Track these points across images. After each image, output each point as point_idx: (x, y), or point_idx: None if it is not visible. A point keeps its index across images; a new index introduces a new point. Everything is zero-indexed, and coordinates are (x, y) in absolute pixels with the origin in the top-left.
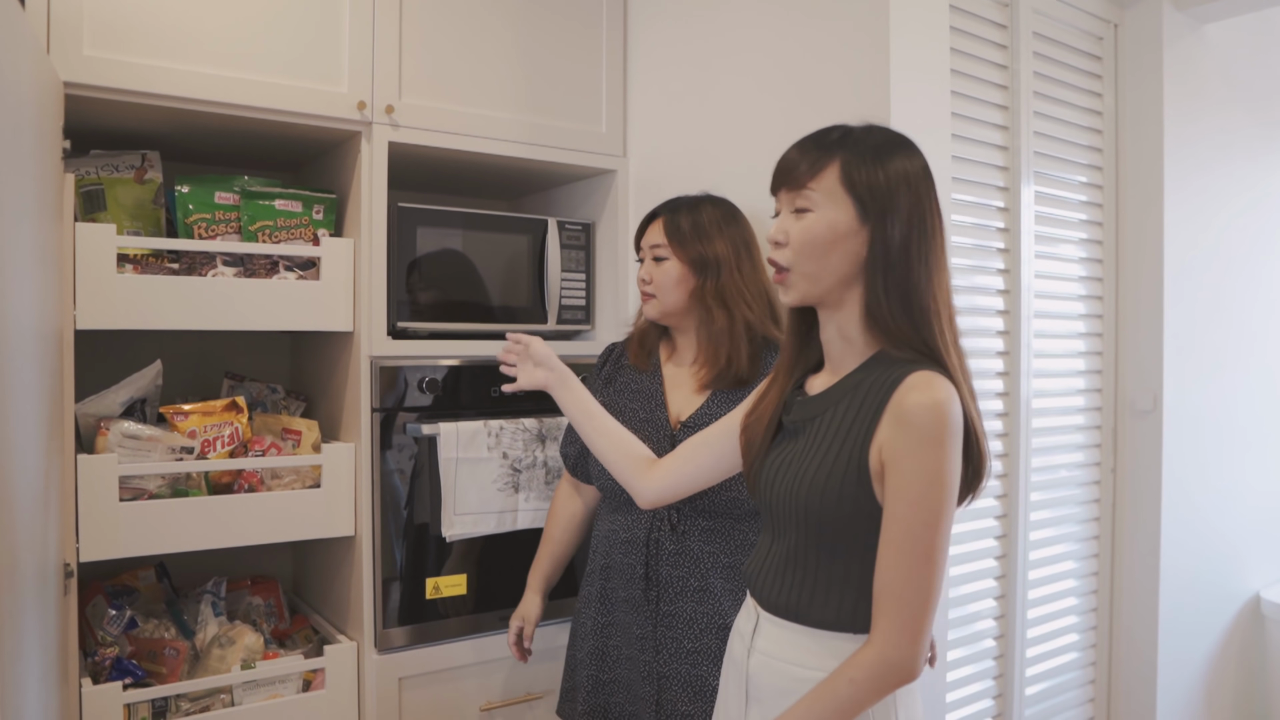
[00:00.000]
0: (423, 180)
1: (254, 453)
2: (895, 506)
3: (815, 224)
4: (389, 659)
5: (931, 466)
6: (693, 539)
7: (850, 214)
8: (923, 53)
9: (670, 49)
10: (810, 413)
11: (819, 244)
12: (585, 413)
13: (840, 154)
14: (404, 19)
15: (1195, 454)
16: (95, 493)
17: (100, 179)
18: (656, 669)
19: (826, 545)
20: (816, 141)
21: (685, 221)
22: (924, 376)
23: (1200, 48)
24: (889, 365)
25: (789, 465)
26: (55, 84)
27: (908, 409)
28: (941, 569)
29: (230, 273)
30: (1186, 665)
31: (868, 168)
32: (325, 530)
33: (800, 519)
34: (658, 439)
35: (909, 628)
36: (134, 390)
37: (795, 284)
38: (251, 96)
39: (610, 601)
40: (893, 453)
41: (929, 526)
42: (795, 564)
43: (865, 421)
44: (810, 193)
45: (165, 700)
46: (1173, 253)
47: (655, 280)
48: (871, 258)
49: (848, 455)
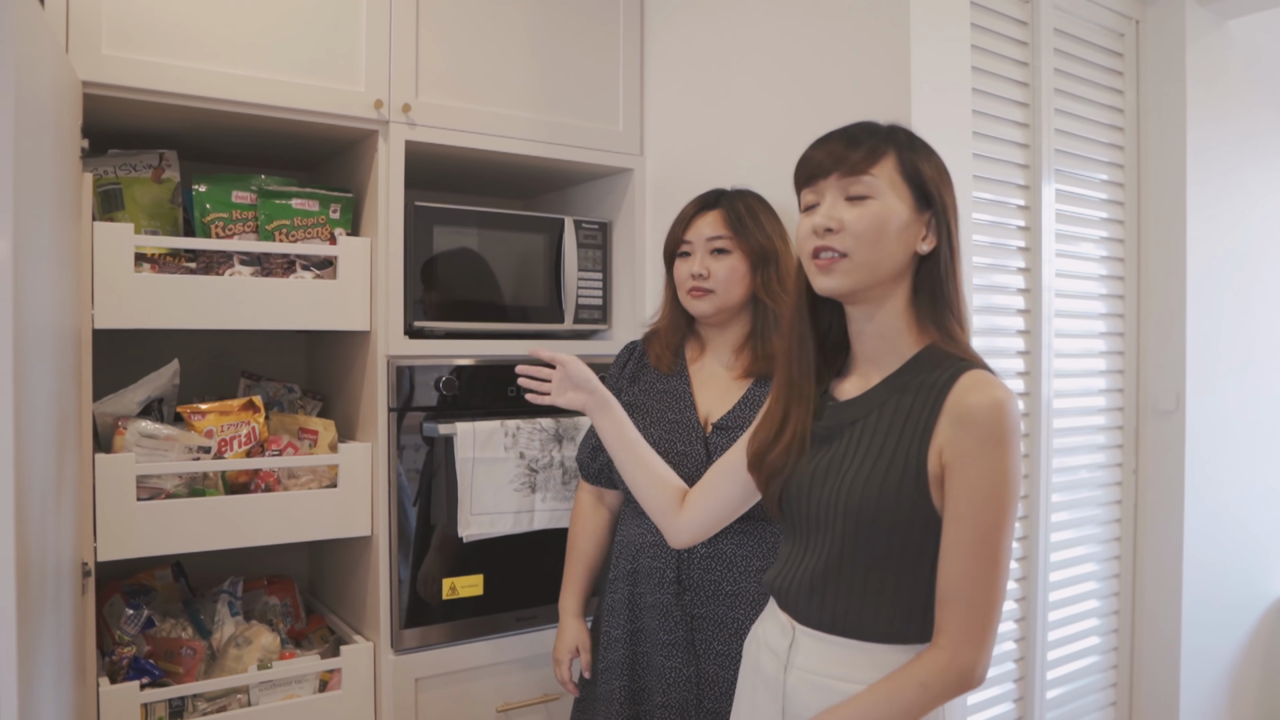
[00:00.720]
0: (439, 179)
1: (271, 452)
2: (962, 510)
3: (880, 211)
4: (405, 659)
5: (998, 468)
6: (725, 542)
7: (909, 204)
8: (944, 51)
9: (687, 48)
10: (849, 417)
11: (883, 231)
12: (624, 441)
13: (894, 144)
14: (421, 18)
15: (1219, 454)
16: (112, 492)
17: (118, 178)
18: (691, 673)
19: (875, 553)
20: (863, 131)
21: (743, 210)
22: (980, 376)
23: (1224, 44)
24: (937, 363)
25: (829, 471)
26: (74, 83)
27: (970, 410)
28: (1007, 573)
29: (247, 272)
30: (1210, 667)
31: (921, 159)
32: (342, 530)
33: (844, 526)
34: (689, 441)
35: (978, 633)
36: (151, 390)
37: (850, 271)
38: (268, 95)
39: (638, 607)
40: (956, 455)
41: (997, 529)
42: (837, 575)
43: (920, 423)
44: (871, 179)
45: (182, 700)
46: (1196, 252)
47: (715, 274)
48: (939, 249)
49: (903, 458)
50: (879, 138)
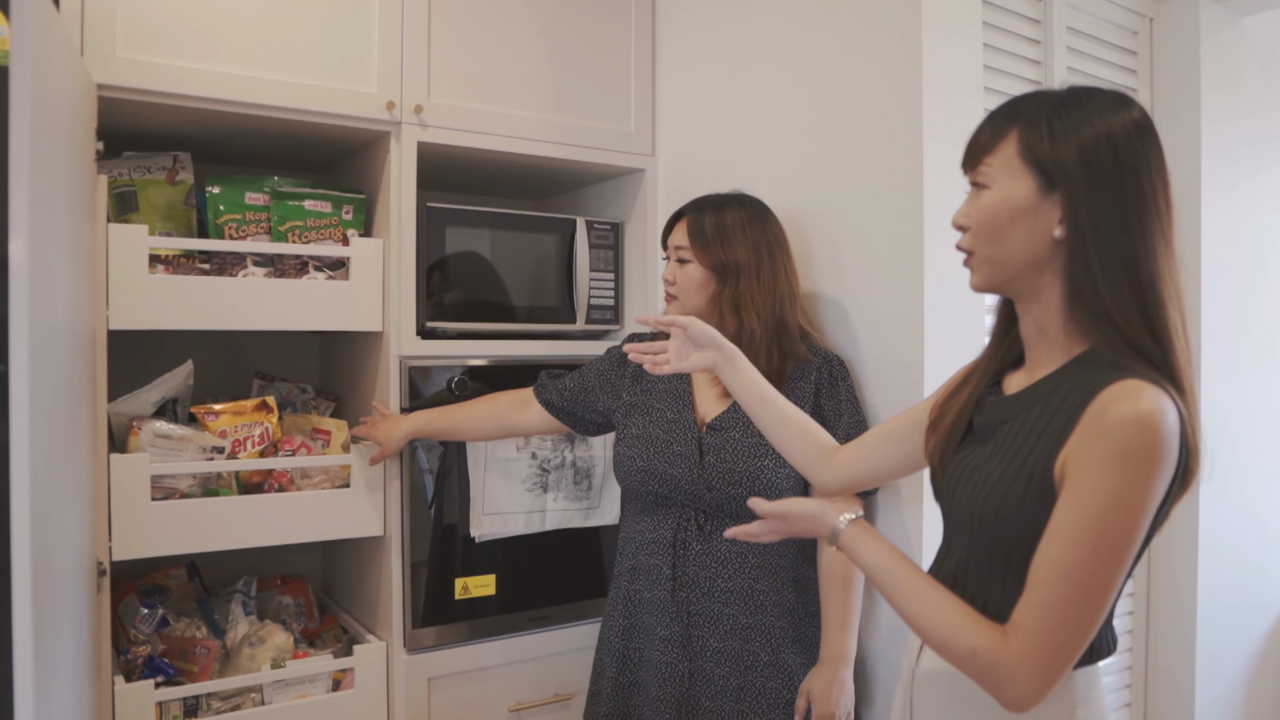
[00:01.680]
0: (452, 180)
1: (284, 453)
2: (1063, 523)
3: (988, 201)
4: (418, 659)
5: (1119, 488)
6: (720, 539)
7: (1030, 187)
8: (956, 51)
9: (699, 47)
10: (1003, 415)
11: (996, 223)
12: (759, 397)
13: (1020, 121)
14: (433, 19)
15: (1236, 454)
16: (127, 492)
17: (133, 180)
18: (686, 669)
19: (999, 561)
20: (1001, 110)
21: (709, 224)
22: (1131, 385)
23: (1239, 41)
24: (1095, 369)
25: (973, 472)
26: (89, 86)
27: (1108, 421)
28: (1102, 611)
29: (260, 273)
30: (1227, 665)
31: (1050, 133)
32: (355, 530)
33: (974, 531)
34: (684, 440)
35: (1045, 669)
36: (166, 390)
37: (978, 268)
38: (281, 97)
39: (635, 604)
40: (1076, 463)
41: (1098, 558)
42: (965, 577)
43: (1056, 430)
44: (986, 168)
45: (196, 699)
46: (1210, 252)
47: (678, 282)
48: (1075, 234)
49: (1032, 466)
50: (1006, 117)
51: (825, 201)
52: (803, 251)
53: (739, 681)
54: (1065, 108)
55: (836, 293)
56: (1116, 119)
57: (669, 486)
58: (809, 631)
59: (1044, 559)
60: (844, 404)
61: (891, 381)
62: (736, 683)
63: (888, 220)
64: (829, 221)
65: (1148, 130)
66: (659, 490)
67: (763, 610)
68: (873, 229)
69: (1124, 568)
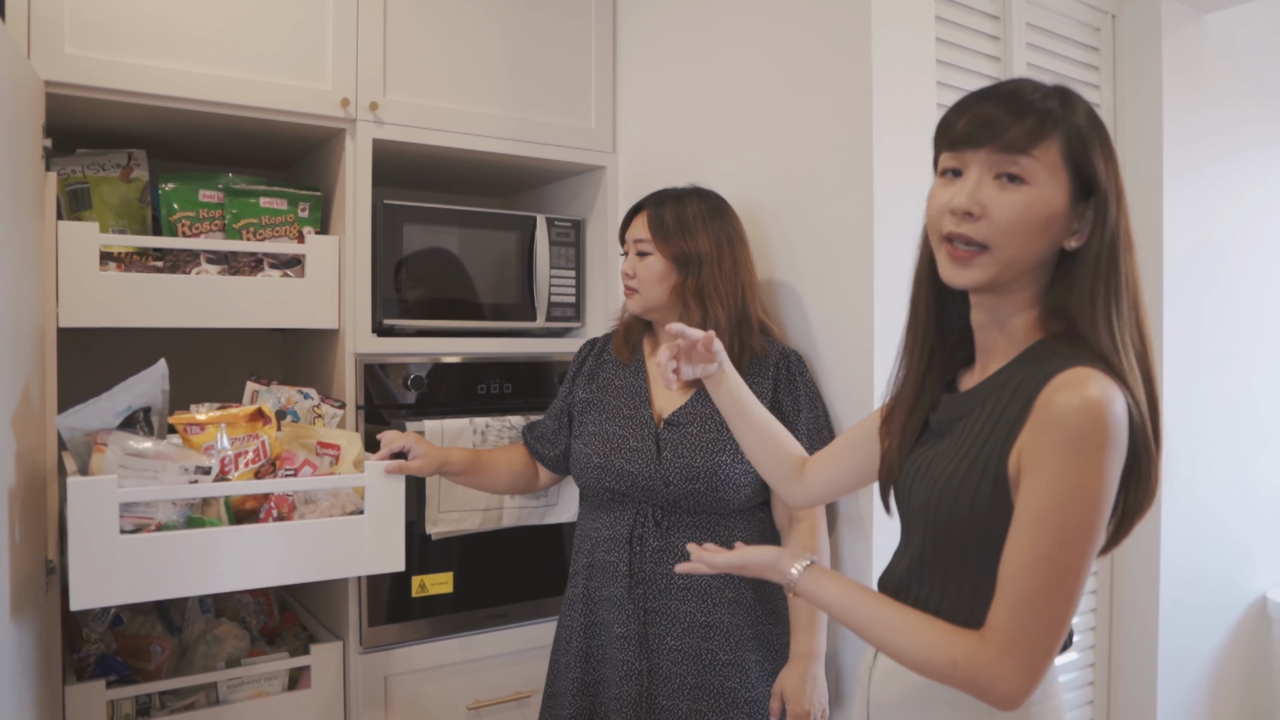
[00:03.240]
0: (414, 178)
1: (284, 471)
2: (1023, 517)
3: (1035, 201)
4: (374, 657)
5: (1073, 477)
6: (677, 535)
7: (1066, 194)
8: (906, 43)
9: (660, 43)
10: (958, 412)
11: (1034, 225)
12: (740, 407)
13: (1064, 120)
14: (388, 15)
15: (1197, 452)
16: (88, 525)
17: (86, 177)
18: (643, 667)
19: (955, 556)
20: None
21: (670, 215)
22: (1079, 373)
23: (1201, 37)
24: (1045, 359)
25: (927, 469)
26: (34, 84)
27: (1055, 410)
28: (1073, 602)
29: (214, 270)
30: (1189, 667)
31: (1092, 142)
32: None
33: (929, 528)
34: (641, 437)
35: (1025, 664)
36: (133, 397)
37: (987, 266)
38: (234, 94)
39: (594, 601)
40: (1030, 457)
41: (1062, 547)
42: (919, 575)
43: (1009, 423)
44: (1032, 162)
45: (149, 698)
46: (1173, 247)
47: (638, 275)
48: (1094, 248)
49: (985, 459)
50: (1047, 109)
51: (781, 195)
52: (761, 245)
53: (696, 680)
54: (1090, 115)
55: (793, 285)
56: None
57: (626, 483)
58: (768, 630)
59: (1009, 555)
60: (803, 399)
61: (845, 373)
62: (694, 681)
63: (839, 213)
64: (785, 215)
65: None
66: (616, 487)
67: (720, 608)
68: (825, 221)
69: (1089, 556)
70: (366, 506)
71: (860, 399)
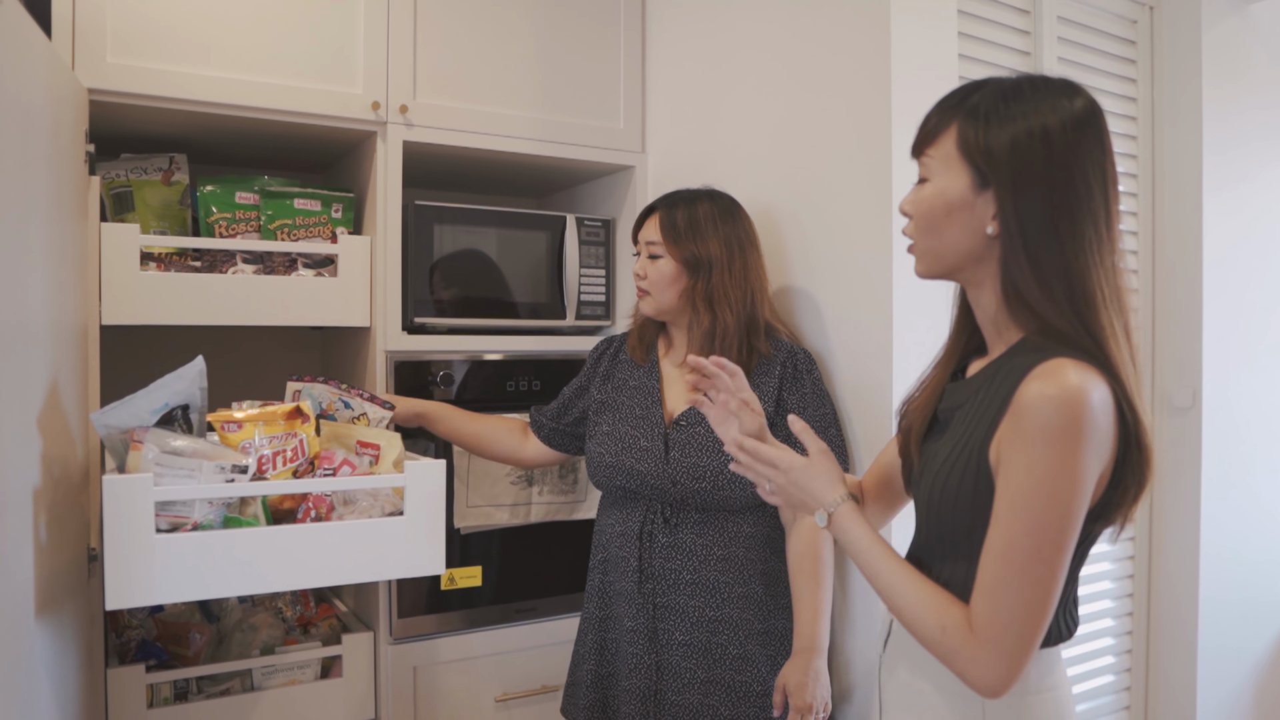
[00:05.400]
0: (447, 178)
1: (322, 470)
2: (999, 506)
3: (927, 194)
4: (404, 648)
5: (1043, 466)
6: (685, 531)
7: (965, 182)
8: (926, 40)
9: (688, 44)
10: (958, 400)
11: (934, 215)
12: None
13: (960, 113)
14: (419, 19)
15: (1239, 453)
16: (124, 524)
17: (129, 181)
18: (653, 661)
19: (947, 544)
20: (949, 98)
21: (681, 218)
22: (1054, 364)
23: (1245, 28)
24: (1029, 351)
25: (932, 457)
26: (77, 92)
27: (1028, 401)
28: (1049, 591)
29: (250, 270)
30: (1232, 670)
31: (987, 127)
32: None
33: (927, 515)
34: (650, 436)
35: (1001, 652)
36: (170, 394)
37: (920, 258)
38: (269, 99)
39: (608, 595)
40: (1007, 447)
41: (1032, 535)
42: (923, 562)
43: (990, 415)
44: (927, 160)
45: (186, 682)
46: (1213, 246)
47: (649, 277)
48: (1005, 231)
49: (970, 450)
50: (949, 108)
51: (803, 194)
52: (779, 246)
53: (705, 674)
54: (1006, 101)
55: (809, 286)
56: (1054, 113)
57: (636, 481)
58: (777, 625)
59: (987, 544)
60: (809, 397)
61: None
62: (703, 675)
63: (859, 212)
64: (806, 214)
65: (1088, 123)
66: (626, 485)
67: (728, 603)
68: (845, 221)
69: (1063, 546)
70: (406, 507)
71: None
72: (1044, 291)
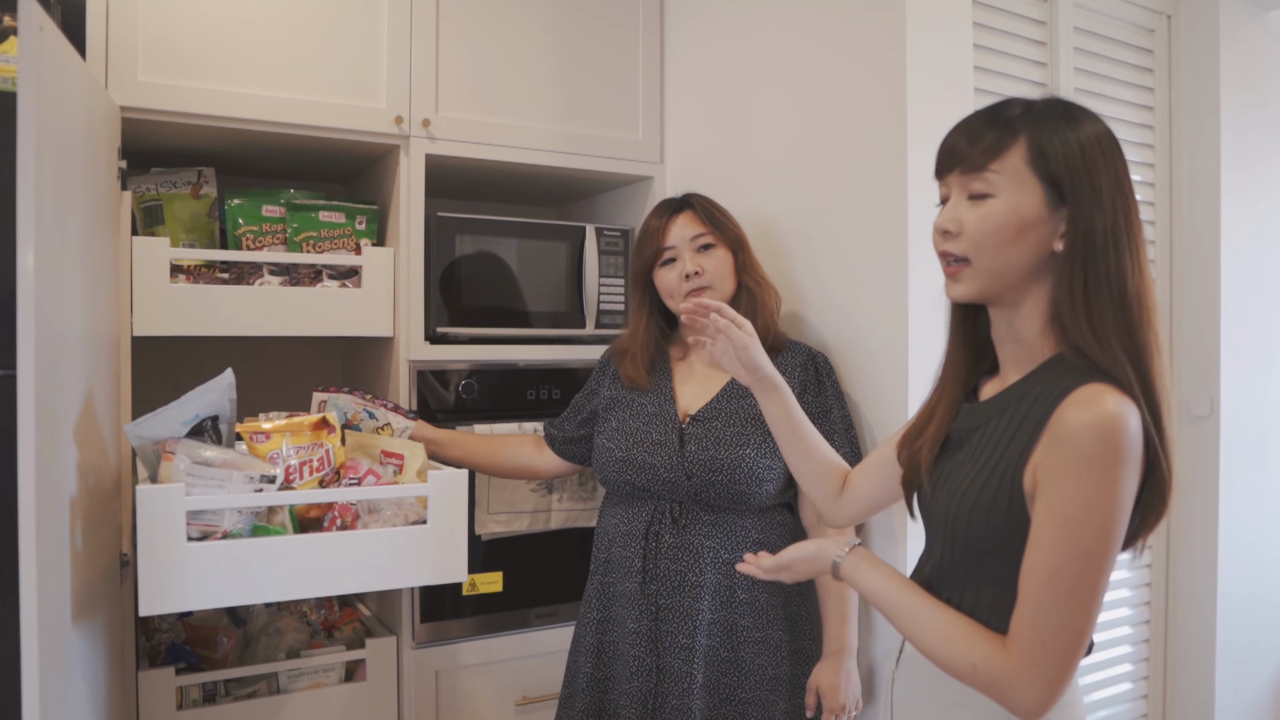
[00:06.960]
0: (468, 189)
1: (348, 480)
2: (1040, 534)
3: (999, 211)
4: (426, 652)
5: (1087, 493)
6: (693, 533)
7: (1039, 199)
8: (941, 51)
9: (706, 55)
10: (976, 421)
11: (1004, 234)
12: (792, 429)
13: (1026, 130)
14: (441, 35)
15: (1258, 461)
16: (157, 534)
17: (159, 195)
18: (654, 664)
19: (972, 566)
20: (992, 117)
21: (710, 205)
22: (1092, 390)
23: (1264, 36)
24: (1062, 374)
25: (948, 478)
26: (110, 110)
27: (1069, 427)
28: (1090, 614)
29: (276, 282)
30: (1248, 691)
31: (1060, 144)
32: (434, 577)
33: (948, 537)
34: (664, 430)
35: (1045, 676)
36: (201, 405)
37: (971, 279)
38: (295, 115)
39: (608, 597)
40: (1045, 474)
41: (1077, 561)
42: (942, 583)
43: (1025, 438)
44: (991, 175)
45: (215, 685)
46: (1231, 254)
47: (709, 270)
48: (1070, 249)
49: (1002, 473)
50: (1005, 124)
51: (819, 203)
52: (799, 251)
53: (706, 679)
54: (1064, 119)
55: (826, 289)
56: (1096, 131)
57: (646, 476)
58: (778, 636)
59: (1028, 569)
60: (830, 400)
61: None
62: (704, 680)
63: (874, 222)
64: (822, 223)
65: (1118, 144)
66: (636, 480)
67: (733, 609)
68: (862, 228)
69: (1104, 570)
70: (430, 516)
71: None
72: (1100, 306)
